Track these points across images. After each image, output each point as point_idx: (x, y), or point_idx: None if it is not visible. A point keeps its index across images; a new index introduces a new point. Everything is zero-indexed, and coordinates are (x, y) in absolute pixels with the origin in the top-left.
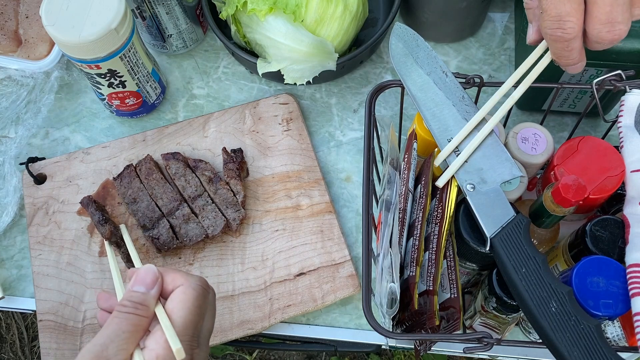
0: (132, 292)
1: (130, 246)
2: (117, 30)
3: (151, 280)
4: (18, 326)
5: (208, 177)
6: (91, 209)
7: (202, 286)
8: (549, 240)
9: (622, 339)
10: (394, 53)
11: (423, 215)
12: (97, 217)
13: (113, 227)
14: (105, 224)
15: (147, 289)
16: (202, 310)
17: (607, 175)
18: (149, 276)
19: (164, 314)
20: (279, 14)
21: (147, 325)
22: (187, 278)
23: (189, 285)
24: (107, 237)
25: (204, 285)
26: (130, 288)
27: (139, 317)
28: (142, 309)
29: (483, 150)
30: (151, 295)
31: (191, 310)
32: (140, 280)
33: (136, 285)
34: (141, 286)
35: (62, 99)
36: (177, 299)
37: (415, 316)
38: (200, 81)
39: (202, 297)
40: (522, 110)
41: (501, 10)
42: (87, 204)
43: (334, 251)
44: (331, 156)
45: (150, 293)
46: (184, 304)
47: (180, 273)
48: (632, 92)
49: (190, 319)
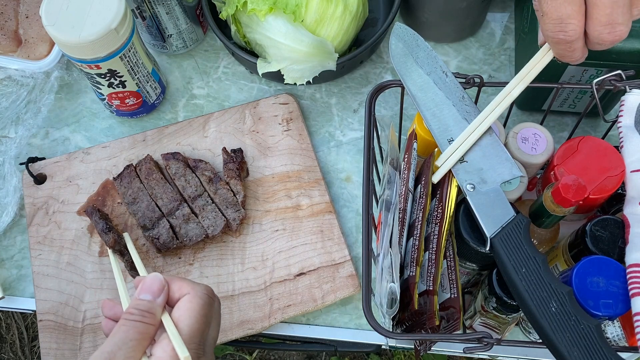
0: (139, 300)
1: (134, 255)
2: (117, 30)
3: (157, 289)
4: (18, 326)
5: (208, 177)
6: (95, 218)
7: (208, 295)
8: (549, 240)
9: (622, 339)
10: (394, 53)
11: (423, 215)
12: (101, 225)
13: (117, 235)
14: (109, 232)
15: (153, 297)
16: (208, 319)
17: (607, 175)
18: (156, 284)
19: (170, 322)
20: (279, 14)
21: (154, 333)
22: (194, 287)
23: (196, 294)
24: (111, 246)
25: (210, 294)
26: (137, 296)
27: (146, 325)
28: (149, 317)
29: (483, 150)
30: (158, 304)
31: (198, 319)
32: (146, 288)
33: (143, 294)
34: (148, 294)
35: (62, 99)
36: (184, 307)
37: (415, 316)
38: (200, 81)
39: (208, 306)
40: (522, 110)
41: (501, 10)
42: (92, 212)
43: (334, 251)
44: (331, 156)
45: (157, 301)
46: (191, 313)
47: (186, 281)
48: (632, 92)
49: (197, 327)
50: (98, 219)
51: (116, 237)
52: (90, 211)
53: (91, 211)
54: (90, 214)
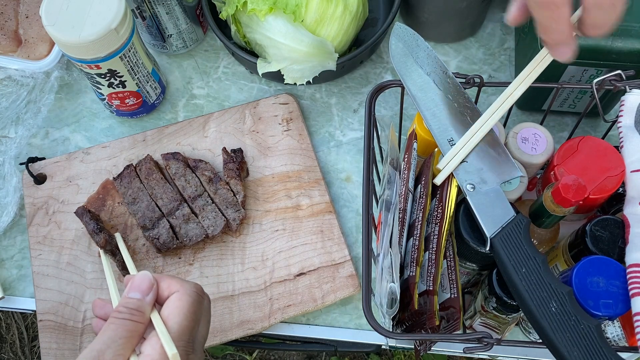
0: (128, 299)
1: (125, 254)
2: (117, 30)
3: (146, 287)
4: (18, 326)
5: (208, 177)
6: (86, 219)
7: (197, 292)
8: (549, 240)
9: (622, 339)
10: (394, 53)
11: (423, 215)
12: (92, 226)
13: (108, 235)
14: (100, 233)
15: (142, 295)
16: (197, 317)
17: (607, 175)
18: (145, 283)
19: (159, 320)
20: (279, 14)
21: (143, 331)
22: (183, 284)
23: (185, 292)
24: (102, 246)
25: (199, 291)
26: (126, 295)
27: (135, 323)
28: (137, 315)
29: (483, 150)
30: (147, 302)
31: (187, 316)
32: (135, 286)
33: (132, 292)
34: (137, 292)
35: (62, 99)
36: (173, 305)
37: (415, 316)
38: (200, 81)
39: (197, 304)
40: (522, 110)
41: (501, 10)
42: (82, 213)
43: (334, 251)
44: (331, 156)
45: (146, 299)
46: (180, 310)
47: (175, 279)
48: (632, 92)
49: (185, 325)
50: (89, 220)
51: (107, 237)
52: (81, 212)
53: (81, 212)
54: (81, 215)
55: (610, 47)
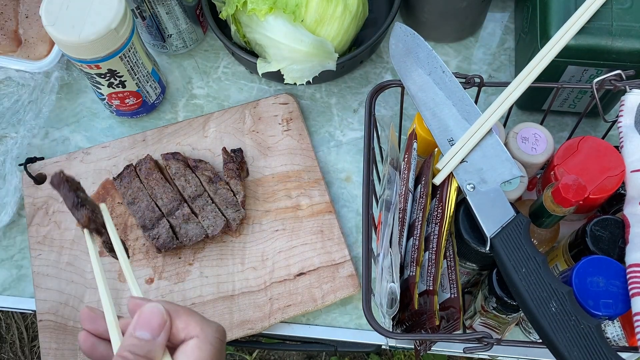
0: (135, 340)
1: (113, 233)
2: (117, 30)
3: (158, 325)
4: (18, 326)
5: (208, 177)
6: (64, 190)
7: (220, 339)
8: (549, 240)
9: (622, 339)
10: (394, 53)
11: (423, 215)
12: (72, 200)
13: (91, 212)
14: (81, 208)
15: (152, 335)
16: None
17: (607, 175)
18: (155, 319)
19: None
20: (278, 13)
21: None
22: (203, 327)
23: (206, 339)
24: (84, 225)
25: (222, 337)
26: (133, 332)
27: None
28: None
29: (483, 150)
30: (158, 344)
31: None
32: (144, 322)
33: (139, 330)
34: (146, 332)
35: (62, 99)
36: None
37: (415, 316)
38: (200, 81)
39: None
40: (522, 110)
41: (501, 10)
42: (59, 183)
43: (334, 251)
44: (331, 156)
45: (157, 341)
46: None
47: (194, 318)
48: (632, 92)
49: None
50: (67, 192)
51: (90, 213)
52: (57, 181)
53: (58, 181)
54: (58, 185)
55: (610, 47)
